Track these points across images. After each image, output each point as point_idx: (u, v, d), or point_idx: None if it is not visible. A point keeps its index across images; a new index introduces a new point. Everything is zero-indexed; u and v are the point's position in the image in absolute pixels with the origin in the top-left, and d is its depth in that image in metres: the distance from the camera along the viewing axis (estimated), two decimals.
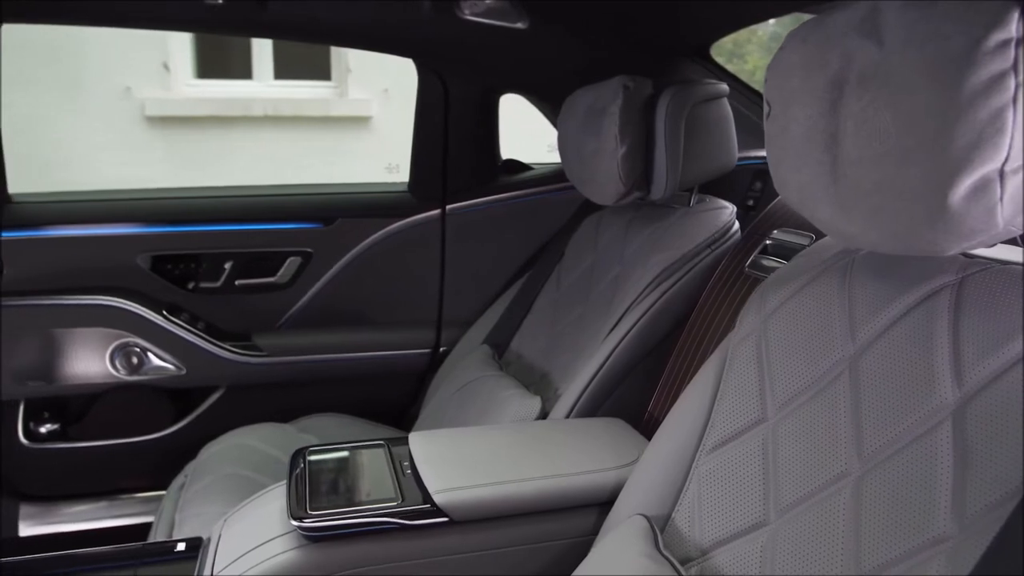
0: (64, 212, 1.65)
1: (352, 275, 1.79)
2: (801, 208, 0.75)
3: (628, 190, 1.32)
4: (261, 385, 1.73)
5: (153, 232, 1.68)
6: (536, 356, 1.50)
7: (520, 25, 1.46)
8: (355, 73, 4.20)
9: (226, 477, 1.35)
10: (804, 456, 0.77)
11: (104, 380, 1.63)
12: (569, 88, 1.45)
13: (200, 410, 1.71)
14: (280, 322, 1.78)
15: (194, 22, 1.51)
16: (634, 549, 0.83)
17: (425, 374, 1.82)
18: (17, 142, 1.74)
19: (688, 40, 1.53)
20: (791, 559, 0.74)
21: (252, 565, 0.89)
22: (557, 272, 1.59)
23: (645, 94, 1.31)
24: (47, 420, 1.67)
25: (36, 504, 1.66)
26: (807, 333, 0.82)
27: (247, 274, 1.74)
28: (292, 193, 1.81)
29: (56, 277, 1.60)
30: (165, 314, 1.65)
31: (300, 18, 1.46)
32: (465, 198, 1.81)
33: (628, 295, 1.29)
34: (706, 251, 1.28)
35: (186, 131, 4.01)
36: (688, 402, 0.92)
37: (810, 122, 0.70)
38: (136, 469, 1.69)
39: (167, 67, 3.95)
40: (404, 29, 1.52)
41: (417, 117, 1.80)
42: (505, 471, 0.99)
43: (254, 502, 1.01)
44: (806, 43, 0.71)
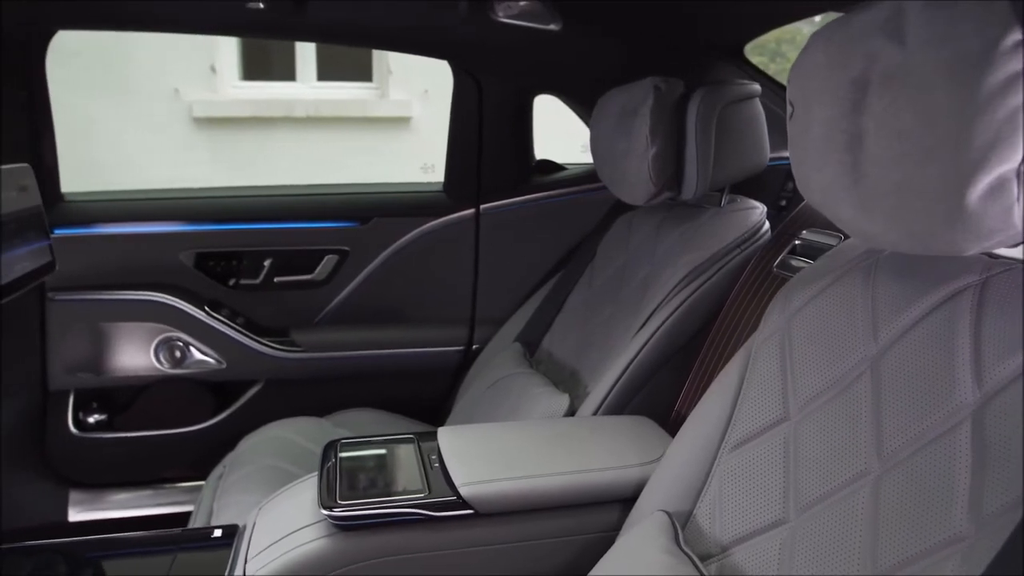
0: (113, 210, 1.71)
1: (387, 273, 1.82)
2: (823, 208, 0.76)
3: (659, 190, 1.33)
4: (298, 380, 1.77)
5: (196, 230, 1.74)
6: (567, 354, 1.51)
7: (553, 27, 1.47)
8: (396, 74, 4.25)
9: (263, 468, 1.39)
10: (824, 455, 0.77)
11: (149, 373, 1.69)
12: (602, 89, 1.46)
13: (239, 403, 1.76)
14: (317, 318, 1.82)
15: (236, 26, 1.56)
16: (655, 544, 0.84)
17: (458, 371, 1.84)
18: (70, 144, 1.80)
19: (721, 40, 1.53)
20: (809, 557, 0.74)
21: (283, 552, 0.92)
22: (589, 271, 1.61)
23: (676, 95, 1.32)
24: (95, 410, 1.73)
25: (84, 491, 1.73)
26: (830, 333, 0.82)
27: (286, 271, 1.78)
28: (329, 192, 1.85)
29: (105, 273, 1.67)
30: (207, 310, 1.70)
31: (337, 21, 1.50)
32: (499, 198, 1.84)
33: (657, 294, 1.30)
34: (735, 251, 1.28)
35: (231, 132, 4.11)
36: (711, 400, 0.93)
37: (832, 122, 0.71)
38: (178, 459, 1.74)
39: (214, 69, 4.05)
40: (439, 32, 1.55)
41: (452, 118, 1.83)
42: (530, 466, 1.00)
43: (287, 492, 1.04)
44: (829, 43, 0.72)
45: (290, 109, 4.13)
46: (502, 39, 1.54)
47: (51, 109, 1.63)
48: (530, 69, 1.72)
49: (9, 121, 1.54)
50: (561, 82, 1.77)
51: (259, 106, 4.11)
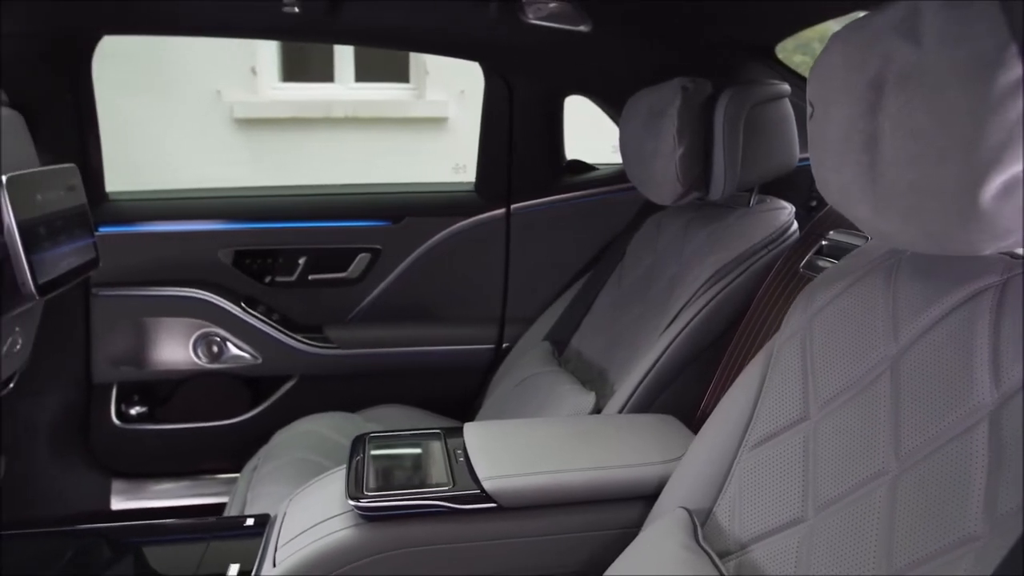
0: (154, 209, 1.77)
1: (419, 272, 1.85)
2: (841, 208, 0.76)
3: (686, 190, 1.33)
4: (331, 375, 1.81)
5: (235, 228, 1.78)
6: (595, 353, 1.53)
7: (583, 28, 1.48)
8: (432, 75, 4.28)
9: (295, 461, 1.43)
10: (843, 454, 0.77)
11: (187, 367, 1.74)
12: (632, 89, 1.47)
13: (274, 398, 1.81)
14: (350, 316, 1.86)
15: (273, 30, 1.60)
16: (674, 540, 0.85)
17: (488, 369, 1.86)
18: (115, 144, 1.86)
19: (752, 40, 1.53)
20: (826, 555, 0.75)
21: (312, 540, 0.95)
22: (618, 271, 1.61)
23: (704, 95, 1.32)
24: (137, 403, 1.79)
25: (126, 480, 1.78)
26: (851, 332, 0.82)
27: (320, 269, 1.82)
28: (363, 192, 1.89)
29: (146, 270, 1.72)
30: (243, 306, 1.75)
31: (371, 24, 1.53)
32: (529, 198, 1.85)
33: (683, 294, 1.30)
34: (762, 251, 1.28)
35: (270, 133, 4.18)
36: (733, 399, 0.93)
37: (849, 123, 0.71)
38: (215, 451, 1.79)
39: (254, 71, 4.13)
40: (470, 33, 1.57)
41: (483, 119, 1.85)
42: (553, 461, 1.02)
43: (317, 483, 1.07)
44: (847, 44, 0.72)
45: (328, 110, 4.19)
46: (532, 41, 1.56)
47: (96, 111, 1.69)
48: (560, 70, 1.73)
49: (57, 123, 1.60)
50: (591, 83, 1.78)
51: (298, 107, 4.18)
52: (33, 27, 1.52)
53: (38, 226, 1.31)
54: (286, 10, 1.38)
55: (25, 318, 1.44)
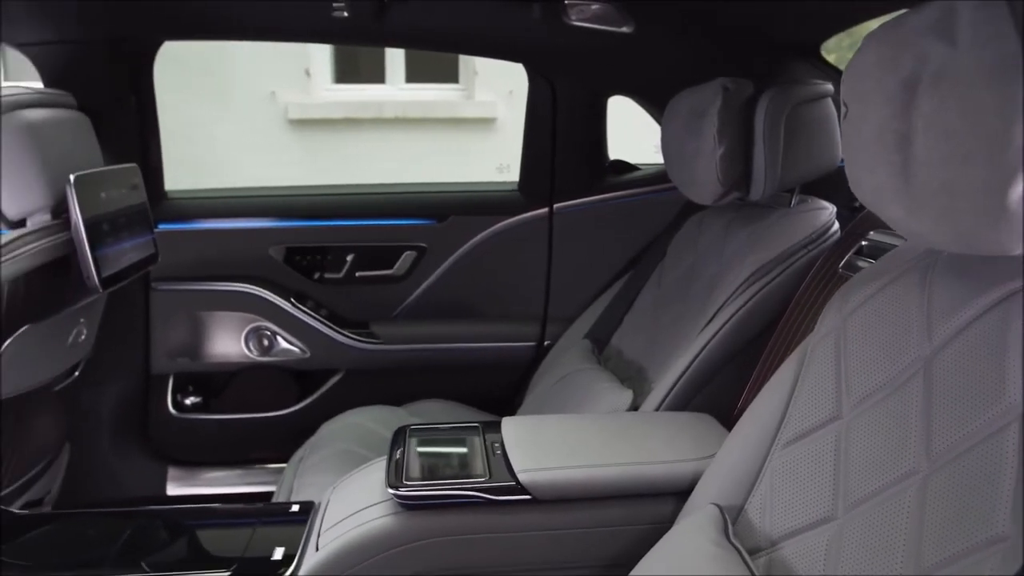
0: (211, 207, 1.84)
1: (463, 269, 1.88)
2: (874, 208, 0.76)
3: (727, 190, 1.34)
4: (377, 370, 1.86)
5: (286, 226, 1.85)
6: (635, 352, 1.54)
7: (626, 29, 1.49)
8: (481, 76, 4.32)
9: (339, 452, 1.47)
10: (874, 454, 0.78)
11: (239, 360, 1.81)
12: (675, 89, 1.47)
13: (321, 391, 1.86)
14: (396, 312, 1.90)
15: (323, 33, 1.66)
16: (704, 536, 0.86)
17: (530, 366, 1.88)
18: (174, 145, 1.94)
19: (795, 39, 1.52)
20: (855, 554, 0.75)
21: (352, 527, 0.98)
22: (659, 271, 1.62)
23: (745, 95, 1.32)
24: (191, 393, 1.86)
25: (181, 468, 1.86)
26: (885, 332, 0.82)
27: (367, 266, 1.87)
28: (409, 191, 1.93)
29: (202, 265, 1.79)
30: (293, 301, 1.81)
31: (417, 27, 1.57)
32: (572, 197, 1.87)
33: (722, 293, 1.31)
34: (802, 251, 1.27)
35: (323, 133, 4.27)
36: (766, 398, 0.94)
37: (882, 122, 0.71)
38: (264, 442, 1.85)
39: (308, 73, 4.22)
40: (514, 35, 1.60)
41: (527, 119, 1.88)
42: (588, 456, 1.04)
43: (359, 473, 1.11)
44: (881, 44, 0.72)
45: (379, 111, 4.26)
46: (575, 42, 1.58)
47: (157, 113, 1.76)
48: (603, 71, 1.75)
49: (120, 125, 1.68)
50: (634, 83, 1.79)
51: (350, 108, 4.26)
52: (98, 34, 1.60)
53: (102, 223, 1.37)
54: (335, 14, 1.42)
55: (89, 310, 1.51)
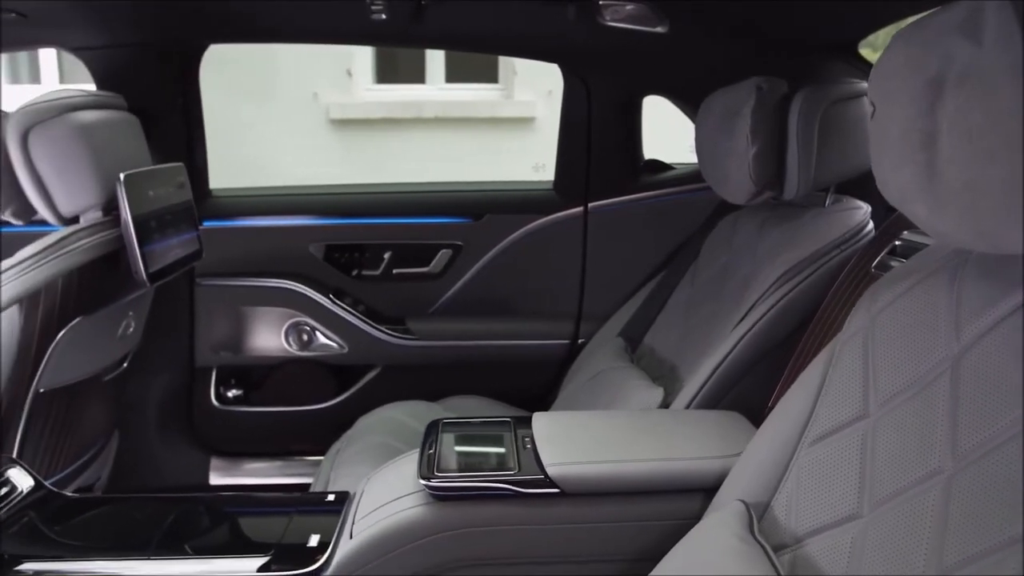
0: (253, 205, 1.89)
1: (498, 267, 1.91)
2: (900, 206, 0.77)
3: (759, 190, 1.34)
4: (413, 366, 1.89)
5: (325, 224, 1.89)
6: (667, 350, 1.54)
7: (661, 29, 1.50)
8: (521, 76, 4.34)
9: (375, 445, 1.51)
10: (900, 452, 0.78)
11: (279, 354, 1.86)
12: (709, 89, 1.48)
13: (358, 386, 1.90)
14: (432, 309, 1.93)
15: (362, 36, 1.69)
16: (729, 532, 0.87)
17: (564, 363, 1.90)
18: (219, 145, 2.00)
19: (832, 38, 1.51)
20: (879, 551, 0.75)
21: (385, 516, 1.01)
22: (693, 270, 1.63)
23: (779, 95, 1.32)
24: (234, 386, 1.92)
25: (223, 458, 1.92)
26: (913, 331, 0.82)
27: (404, 263, 1.90)
28: (445, 190, 1.96)
29: (244, 261, 1.85)
30: (332, 298, 1.85)
31: (454, 29, 1.60)
32: (607, 196, 1.88)
33: (755, 292, 1.31)
34: (835, 251, 1.27)
35: (364, 133, 4.33)
36: (794, 396, 0.94)
37: (908, 122, 0.72)
38: (303, 434, 1.90)
39: (350, 73, 4.28)
40: (550, 36, 1.61)
41: (562, 119, 1.90)
42: (616, 451, 1.05)
43: (393, 464, 1.14)
44: (908, 44, 0.73)
45: (419, 110, 4.31)
46: (610, 42, 1.59)
47: (202, 114, 1.82)
48: (638, 71, 1.76)
49: (167, 125, 1.74)
50: (669, 83, 1.79)
51: (391, 108, 4.31)
52: (149, 38, 1.66)
53: (150, 220, 1.43)
54: (374, 16, 1.46)
55: (137, 304, 1.57)
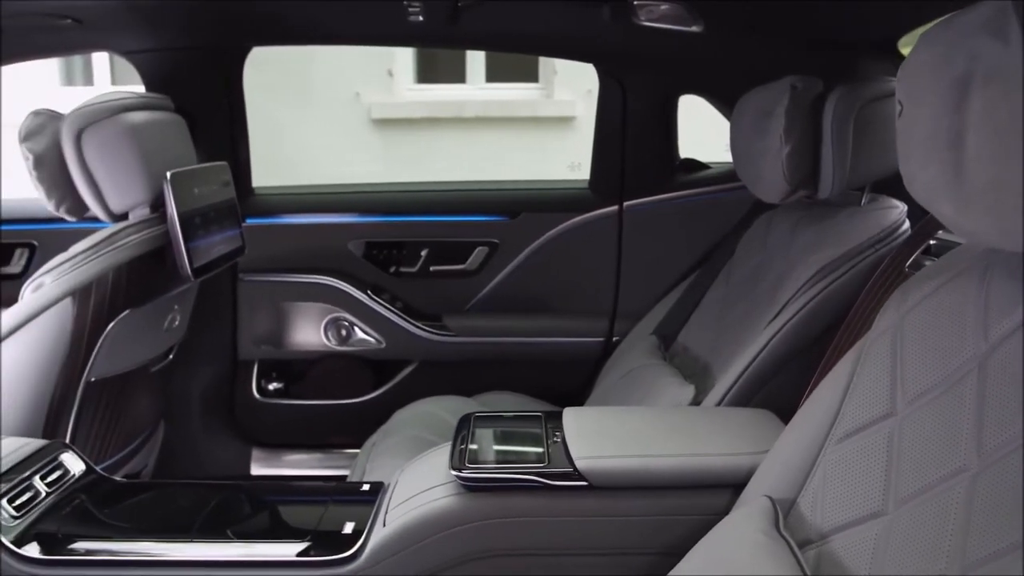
0: (294, 203, 1.94)
1: (534, 265, 1.93)
2: (927, 205, 0.77)
3: (793, 189, 1.34)
4: (449, 361, 1.92)
5: (364, 221, 1.93)
6: (701, 349, 1.55)
7: (695, 28, 1.50)
8: (561, 75, 4.35)
9: (410, 438, 1.54)
10: (926, 450, 0.78)
11: (318, 348, 1.91)
12: (745, 88, 1.48)
13: (395, 380, 1.94)
14: (468, 306, 1.96)
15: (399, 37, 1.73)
16: (754, 527, 0.88)
17: (598, 361, 1.91)
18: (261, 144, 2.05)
19: (870, 36, 1.50)
20: (902, 548, 0.76)
21: (417, 506, 1.04)
22: (727, 269, 1.63)
23: (813, 94, 1.32)
24: (274, 379, 1.97)
25: (264, 449, 1.97)
26: (942, 330, 0.82)
27: (440, 261, 1.94)
28: (482, 188, 1.99)
29: (285, 258, 1.89)
30: (370, 294, 1.89)
31: (490, 30, 1.62)
32: (642, 195, 1.89)
33: (787, 291, 1.31)
34: (869, 250, 1.26)
35: (405, 132, 4.38)
36: (822, 393, 0.94)
37: (935, 120, 0.72)
38: (340, 427, 1.94)
39: (391, 73, 4.34)
40: (584, 36, 1.63)
41: (598, 118, 1.91)
42: (645, 446, 1.06)
43: (426, 456, 1.17)
44: (935, 43, 0.73)
45: (459, 110, 4.35)
46: (644, 42, 1.60)
47: (246, 114, 1.87)
48: (673, 70, 1.76)
49: (212, 125, 1.79)
50: (705, 82, 1.79)
51: (431, 107, 4.36)
52: (195, 42, 1.71)
53: (195, 217, 1.48)
54: (411, 18, 1.49)
55: (183, 298, 1.63)
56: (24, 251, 1.90)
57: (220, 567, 1.01)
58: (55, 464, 1.16)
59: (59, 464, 1.16)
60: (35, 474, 1.11)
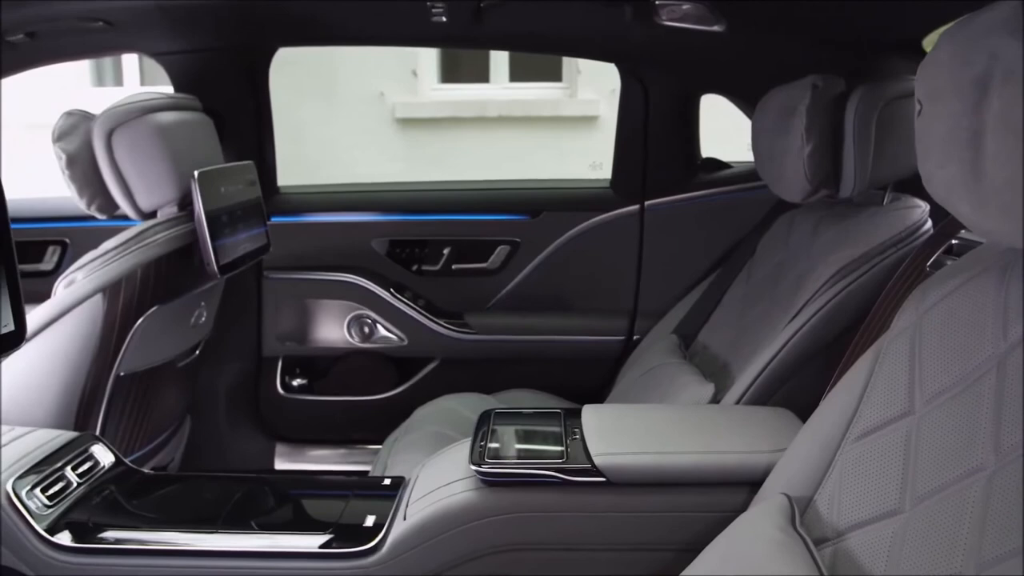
0: (319, 201, 1.97)
1: (555, 264, 1.94)
2: (945, 204, 0.77)
3: (815, 188, 1.34)
4: (470, 359, 1.94)
5: (387, 220, 1.96)
6: (721, 347, 1.55)
7: (718, 28, 1.51)
8: (584, 74, 4.35)
9: (431, 434, 1.56)
10: (944, 449, 0.78)
11: (341, 345, 1.93)
12: (767, 87, 1.48)
13: (417, 377, 1.96)
14: (489, 304, 1.97)
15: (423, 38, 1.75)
16: (770, 523, 0.88)
17: (618, 359, 1.92)
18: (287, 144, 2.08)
19: (894, 35, 1.49)
20: (918, 546, 0.76)
21: (437, 500, 1.06)
22: (748, 268, 1.63)
23: (835, 93, 1.32)
24: (298, 375, 2.00)
25: (288, 444, 2.00)
26: (961, 330, 0.82)
27: (462, 259, 1.95)
28: (504, 188, 2.00)
29: (309, 256, 1.92)
30: (393, 292, 1.91)
31: (512, 30, 1.63)
32: (663, 195, 1.89)
33: (807, 290, 1.31)
34: (891, 250, 1.26)
35: (428, 132, 4.40)
36: (840, 392, 0.94)
37: (954, 120, 0.72)
38: (362, 423, 1.97)
39: (415, 73, 4.36)
40: (607, 36, 1.64)
41: (619, 117, 1.92)
42: (663, 443, 1.07)
43: (446, 451, 1.19)
44: (954, 42, 0.73)
45: (483, 109, 4.36)
46: (666, 41, 1.60)
47: (272, 114, 1.90)
48: (695, 70, 1.76)
49: (238, 125, 1.82)
50: (727, 82, 1.79)
51: (455, 107, 4.38)
52: (223, 43, 1.75)
53: (221, 215, 1.51)
54: (434, 19, 1.50)
55: (209, 295, 1.66)
56: (56, 248, 1.95)
57: (244, 557, 1.04)
58: (86, 455, 1.19)
59: (90, 455, 1.19)
60: (67, 465, 1.14)
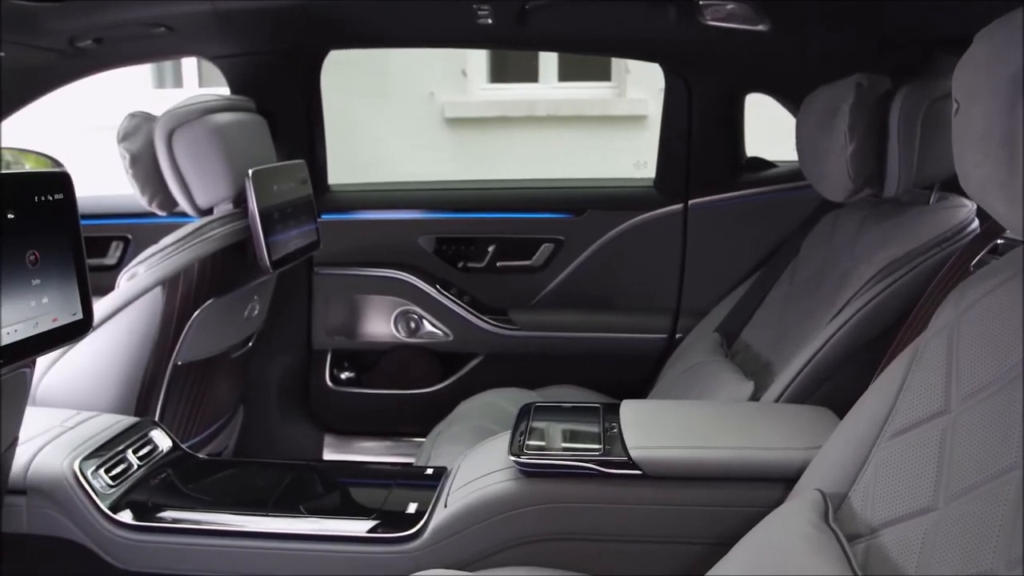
0: (368, 199, 2.02)
1: (599, 262, 1.96)
2: (981, 202, 0.77)
3: (858, 187, 1.33)
4: (514, 355, 1.97)
5: (434, 217, 2.00)
6: (763, 346, 1.55)
7: (762, 27, 1.50)
8: (633, 74, 4.33)
9: (474, 427, 1.59)
10: (979, 448, 0.78)
11: (388, 340, 1.98)
12: (812, 86, 1.47)
13: (461, 372, 2.00)
14: (533, 301, 2.00)
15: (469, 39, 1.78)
16: (803, 519, 0.89)
17: (661, 357, 1.92)
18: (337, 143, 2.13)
19: (943, 33, 1.47)
20: (949, 544, 0.76)
21: (477, 489, 1.09)
22: (792, 267, 1.62)
23: (880, 91, 1.31)
24: (346, 369, 2.06)
25: (336, 436, 2.06)
26: (998, 329, 0.82)
27: (507, 257, 1.99)
28: (548, 187, 2.02)
29: (358, 252, 1.98)
30: (439, 288, 1.95)
31: (557, 31, 1.66)
32: (707, 194, 1.89)
33: (850, 288, 1.30)
34: (935, 249, 1.25)
35: (477, 131, 4.44)
36: (877, 390, 0.95)
37: (990, 118, 0.72)
38: (408, 416, 2.01)
39: (464, 73, 4.41)
40: (651, 36, 1.65)
41: (664, 117, 1.92)
42: (699, 438, 1.09)
43: (486, 443, 1.22)
44: (992, 41, 0.74)
45: (532, 109, 4.38)
46: (710, 41, 1.61)
47: (323, 114, 1.96)
48: (739, 69, 1.76)
49: (291, 125, 1.88)
50: (771, 81, 1.79)
51: (504, 107, 4.40)
52: (277, 46, 1.81)
53: (274, 212, 1.56)
54: (480, 21, 1.54)
55: (262, 289, 1.72)
56: (119, 244, 2.04)
57: (293, 540, 1.09)
58: (146, 440, 1.26)
59: (149, 440, 1.26)
60: (128, 448, 1.21)
